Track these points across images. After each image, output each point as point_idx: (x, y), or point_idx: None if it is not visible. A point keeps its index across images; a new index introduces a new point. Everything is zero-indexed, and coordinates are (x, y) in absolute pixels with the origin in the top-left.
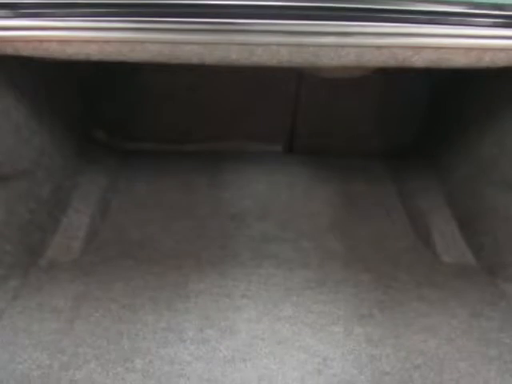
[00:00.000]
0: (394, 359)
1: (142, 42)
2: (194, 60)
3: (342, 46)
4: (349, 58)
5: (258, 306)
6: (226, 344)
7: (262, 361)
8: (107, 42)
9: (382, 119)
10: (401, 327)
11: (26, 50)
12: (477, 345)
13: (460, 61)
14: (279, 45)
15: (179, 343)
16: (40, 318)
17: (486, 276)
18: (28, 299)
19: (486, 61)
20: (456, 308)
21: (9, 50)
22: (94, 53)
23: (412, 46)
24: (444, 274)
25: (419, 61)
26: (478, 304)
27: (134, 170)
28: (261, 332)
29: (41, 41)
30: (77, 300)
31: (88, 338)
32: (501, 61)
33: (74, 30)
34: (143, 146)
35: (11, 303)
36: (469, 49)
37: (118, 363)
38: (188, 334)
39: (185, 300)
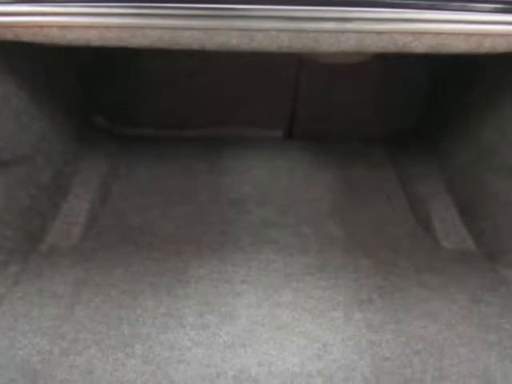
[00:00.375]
0: (394, 345)
1: (142, 27)
2: (195, 46)
3: (342, 32)
4: (349, 44)
5: (258, 291)
6: (226, 329)
7: (262, 346)
8: (107, 27)
9: (382, 105)
10: (401, 313)
11: (26, 36)
12: (477, 330)
13: (460, 46)
14: (279, 30)
15: (179, 329)
16: (40, 303)
17: (486, 262)
18: (28, 285)
19: (486, 46)
20: (456, 294)
21: (9, 36)
22: (94, 38)
23: (412, 31)
24: (444, 260)
25: (419, 46)
26: (478, 290)
27: (135, 155)
28: (261, 318)
29: (41, 26)
30: (77, 286)
31: (88, 323)
32: (500, 46)
33: (74, 16)
34: (143, 131)
35: (11, 289)
36: (469, 34)
37: (118, 349)
38: (188, 320)
39: (185, 286)
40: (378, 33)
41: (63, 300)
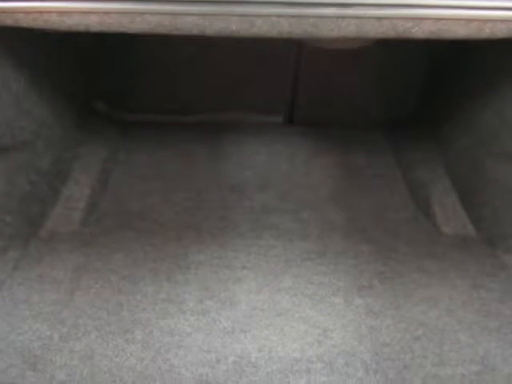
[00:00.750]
0: (394, 330)
1: (142, 13)
2: (194, 31)
3: (343, 17)
4: (349, 29)
5: (258, 277)
6: (226, 315)
7: (262, 332)
8: (107, 13)
9: (383, 90)
10: (401, 298)
11: (25, 22)
12: (477, 316)
13: (460, 32)
14: (279, 16)
15: (179, 314)
16: (40, 289)
17: (486, 247)
18: (28, 270)
19: (486, 32)
20: (456, 279)
21: (9, 22)
22: (94, 24)
23: (412, 17)
24: (444, 246)
25: (419, 32)
26: (478, 275)
27: (134, 141)
28: (261, 303)
29: (41, 12)
30: (77, 271)
31: (88, 309)
32: (500, 32)
33: (73, 1)
34: (143, 117)
35: (11, 274)
36: (469, 20)
37: (118, 334)
38: (188, 305)
39: (185, 271)
40: (378, 18)
41: (63, 285)
